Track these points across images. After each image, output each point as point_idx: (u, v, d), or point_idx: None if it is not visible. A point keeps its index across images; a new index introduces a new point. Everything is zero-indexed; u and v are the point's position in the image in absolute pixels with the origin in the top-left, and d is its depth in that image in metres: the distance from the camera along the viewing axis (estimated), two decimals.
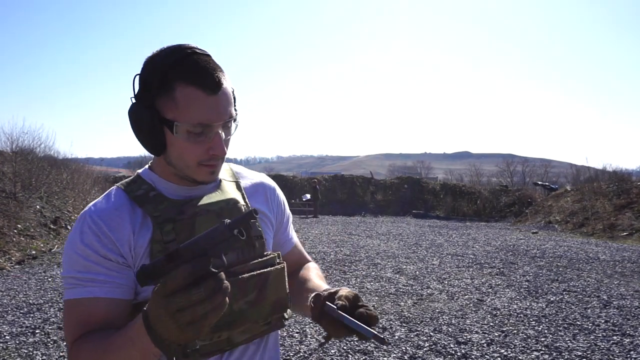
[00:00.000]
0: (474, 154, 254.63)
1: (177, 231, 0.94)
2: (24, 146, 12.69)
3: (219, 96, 0.91)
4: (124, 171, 40.67)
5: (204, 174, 0.96)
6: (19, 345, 3.90)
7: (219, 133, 0.92)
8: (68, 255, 0.93)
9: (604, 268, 7.47)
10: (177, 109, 0.90)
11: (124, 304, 0.92)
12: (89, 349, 0.86)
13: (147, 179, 1.02)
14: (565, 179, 34.13)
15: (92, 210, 0.95)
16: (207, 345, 0.94)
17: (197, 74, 0.90)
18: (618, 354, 3.80)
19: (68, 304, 0.92)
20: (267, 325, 1.02)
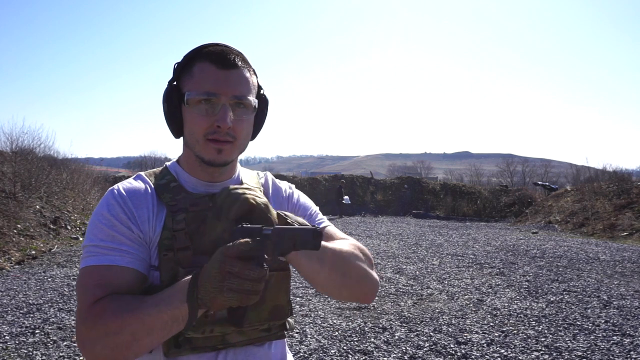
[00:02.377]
0: (474, 154, 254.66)
1: (188, 221, 0.97)
2: (23, 146, 12.70)
3: (231, 72, 0.97)
4: (123, 171, 40.67)
5: (211, 151, 0.98)
6: (18, 345, 3.89)
7: (225, 106, 0.96)
8: (93, 225, 0.96)
9: (604, 268, 7.47)
10: (191, 82, 0.98)
11: (141, 277, 0.95)
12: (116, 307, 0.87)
13: (172, 170, 1.07)
14: (565, 179, 34.15)
15: (119, 187, 1.01)
16: (200, 339, 0.95)
17: (215, 54, 0.98)
18: (618, 354, 3.80)
19: (87, 270, 0.94)
20: (266, 332, 1.02)
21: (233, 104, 0.97)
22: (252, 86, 1.01)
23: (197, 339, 0.95)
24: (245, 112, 0.99)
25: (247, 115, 1.00)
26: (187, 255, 0.95)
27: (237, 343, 0.99)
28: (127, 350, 0.87)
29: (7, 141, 12.46)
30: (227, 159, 1.00)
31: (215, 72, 0.96)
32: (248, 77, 1.00)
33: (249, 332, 0.99)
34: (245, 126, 1.00)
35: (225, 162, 1.01)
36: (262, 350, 1.04)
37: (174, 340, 0.94)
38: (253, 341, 1.01)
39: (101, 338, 0.87)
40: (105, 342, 0.87)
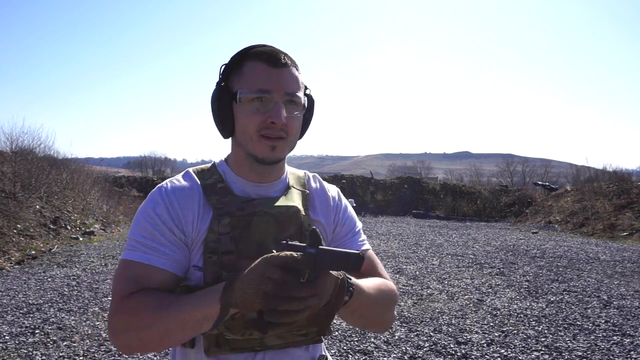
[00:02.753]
0: (474, 154, 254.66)
1: (233, 226, 0.99)
2: (23, 146, 12.70)
3: (282, 70, 0.99)
4: (123, 171, 40.67)
5: (264, 147, 1.00)
6: (18, 345, 3.89)
7: (278, 103, 0.98)
8: (138, 220, 1.00)
9: (604, 268, 7.47)
10: (242, 81, 1.00)
11: (176, 279, 0.98)
12: (151, 303, 0.91)
13: (220, 169, 1.09)
14: (565, 179, 34.14)
15: (168, 185, 1.03)
16: (239, 341, 0.99)
17: (265, 54, 1.00)
18: (618, 354, 3.80)
19: (126, 263, 0.98)
20: (304, 337, 1.04)
21: (285, 102, 0.99)
22: (302, 84, 1.04)
23: (237, 340, 0.98)
24: (296, 109, 1.02)
25: (297, 112, 1.02)
26: (231, 259, 0.97)
27: (274, 346, 1.02)
28: (157, 343, 0.92)
29: (7, 141, 12.47)
30: (279, 155, 1.02)
31: (267, 70, 0.98)
32: (297, 75, 1.03)
33: (286, 336, 1.02)
34: (296, 123, 1.03)
35: (278, 159, 1.03)
36: (299, 352, 1.05)
37: (215, 340, 0.98)
38: (290, 344, 1.03)
39: (133, 331, 0.91)
40: (137, 335, 0.91)
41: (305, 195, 1.11)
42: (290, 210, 1.05)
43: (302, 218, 1.06)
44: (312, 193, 1.14)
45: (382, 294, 1.06)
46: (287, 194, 1.08)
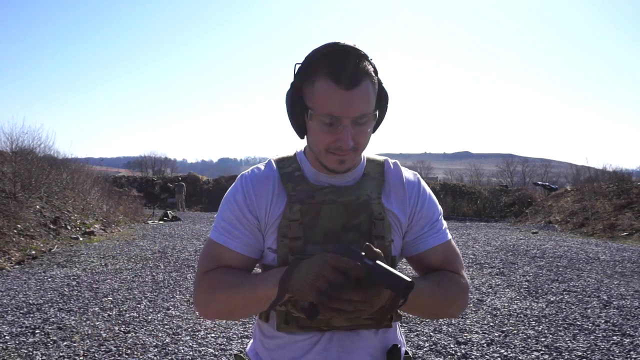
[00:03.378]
0: (474, 154, 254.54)
1: (303, 213, 1.06)
2: (23, 146, 12.70)
3: (353, 93, 0.98)
4: (123, 171, 40.67)
5: (333, 161, 1.04)
6: (18, 345, 3.89)
7: (347, 127, 1.00)
8: (223, 204, 1.13)
9: (604, 268, 7.47)
10: (313, 98, 1.01)
11: (247, 260, 1.10)
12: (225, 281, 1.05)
13: (299, 158, 1.15)
14: (565, 179, 34.13)
15: (249, 174, 1.13)
16: (305, 320, 1.05)
17: (337, 70, 0.98)
18: (618, 354, 3.80)
19: (209, 242, 1.12)
20: (371, 321, 1.07)
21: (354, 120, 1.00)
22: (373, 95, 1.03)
23: (304, 319, 1.05)
24: (366, 126, 1.03)
25: (368, 128, 1.04)
26: (299, 244, 1.05)
27: (342, 327, 1.07)
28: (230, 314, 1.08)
29: (7, 141, 12.47)
30: (349, 166, 1.06)
31: (337, 93, 0.97)
32: (369, 90, 1.01)
33: (353, 319, 1.05)
34: (366, 137, 1.05)
35: (348, 169, 1.07)
36: (368, 333, 1.10)
37: (284, 317, 1.07)
38: (358, 327, 1.08)
39: (211, 303, 1.07)
40: (214, 306, 1.07)
41: (380, 182, 1.13)
42: (360, 198, 1.08)
43: (372, 207, 1.08)
44: (389, 182, 1.15)
45: (447, 292, 1.10)
46: (360, 182, 1.12)
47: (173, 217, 16.29)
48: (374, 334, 1.10)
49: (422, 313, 1.14)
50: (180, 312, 4.85)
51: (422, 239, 1.14)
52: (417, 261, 1.16)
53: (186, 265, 7.46)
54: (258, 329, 1.17)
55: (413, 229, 1.15)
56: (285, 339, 1.09)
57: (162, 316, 4.72)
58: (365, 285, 0.87)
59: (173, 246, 9.53)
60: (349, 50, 1.00)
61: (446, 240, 1.16)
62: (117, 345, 3.89)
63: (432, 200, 1.19)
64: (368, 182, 1.12)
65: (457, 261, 1.17)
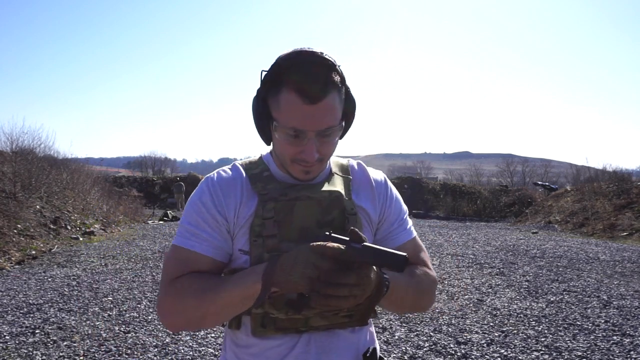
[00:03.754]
0: (474, 154, 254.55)
1: (277, 210, 1.04)
2: (23, 146, 12.71)
3: (317, 107, 0.97)
4: (123, 171, 40.66)
5: (298, 171, 1.04)
6: (18, 345, 3.89)
7: (311, 140, 0.99)
8: (187, 208, 1.09)
9: (604, 268, 7.47)
10: (279, 110, 1.00)
11: (217, 264, 1.06)
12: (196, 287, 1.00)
13: (265, 160, 1.14)
14: (565, 179, 34.12)
15: (215, 176, 1.10)
16: (284, 321, 1.03)
17: (303, 82, 0.96)
18: (618, 354, 3.80)
19: (174, 248, 1.06)
20: (348, 319, 1.07)
21: (320, 133, 1.00)
22: (339, 106, 1.02)
23: (282, 320, 1.03)
24: (332, 137, 1.02)
25: (333, 139, 1.03)
26: (275, 242, 1.02)
27: (320, 327, 1.05)
28: (200, 322, 1.01)
29: (7, 141, 12.48)
30: (314, 176, 1.07)
31: (302, 108, 0.96)
32: (334, 102, 0.99)
33: (331, 317, 1.05)
34: (331, 147, 1.04)
35: (313, 179, 1.08)
36: (345, 333, 1.08)
37: (260, 321, 1.03)
38: (335, 326, 1.06)
39: (180, 312, 1.00)
40: (183, 315, 1.00)
41: (348, 180, 1.14)
42: (333, 194, 1.08)
43: (344, 202, 1.08)
44: (356, 179, 1.16)
45: (420, 284, 1.12)
46: (330, 180, 1.12)
47: (173, 217, 16.29)
48: (351, 333, 1.09)
49: (398, 307, 1.12)
50: None
51: (392, 236, 1.16)
52: None
53: None
54: (229, 339, 1.11)
55: (383, 226, 1.16)
56: (261, 345, 1.05)
57: None
58: (356, 268, 0.87)
59: None
60: (315, 61, 0.97)
61: (413, 236, 1.19)
62: (117, 345, 3.89)
63: (399, 198, 1.21)
64: (337, 179, 1.12)
65: (425, 255, 1.20)
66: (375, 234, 1.16)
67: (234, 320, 1.06)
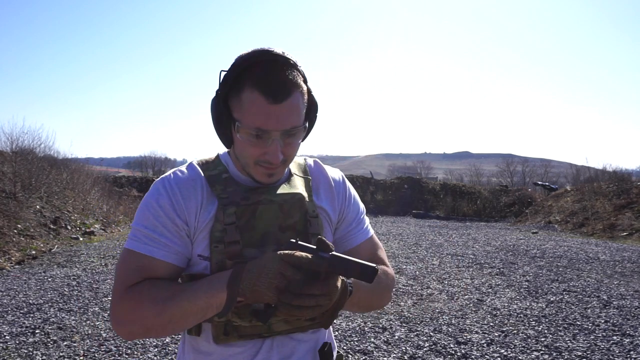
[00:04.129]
0: (474, 154, 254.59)
1: (238, 215, 1.00)
2: (24, 146, 12.70)
3: (282, 106, 0.94)
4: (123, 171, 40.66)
5: (261, 174, 1.01)
6: (18, 345, 3.90)
7: (275, 141, 0.96)
8: (141, 210, 1.02)
9: (603, 268, 7.47)
10: (241, 111, 0.96)
11: (176, 270, 1.00)
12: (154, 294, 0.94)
13: (224, 160, 1.09)
14: (565, 179, 34.12)
15: (171, 177, 1.03)
16: (247, 328, 1.00)
17: (266, 81, 0.93)
18: (618, 354, 3.80)
19: (128, 253, 0.99)
20: (310, 322, 1.05)
21: (284, 133, 0.97)
22: (303, 106, 0.99)
23: (245, 327, 1.00)
24: (296, 138, 1.00)
25: (297, 140, 1.01)
26: (237, 249, 0.98)
27: (282, 331, 1.03)
28: (160, 331, 0.95)
29: (7, 141, 12.47)
30: (278, 179, 1.04)
31: (266, 107, 0.93)
32: (298, 101, 0.97)
33: (294, 322, 1.03)
34: (295, 149, 1.01)
35: (276, 181, 1.04)
36: (306, 336, 1.08)
37: (223, 328, 0.99)
38: (298, 329, 1.05)
39: (138, 320, 0.94)
40: (141, 324, 0.94)
41: (308, 181, 1.11)
42: (294, 197, 1.05)
43: (306, 205, 1.06)
44: (315, 179, 1.13)
45: (379, 284, 1.10)
46: (290, 182, 1.08)
47: None
48: (312, 333, 1.08)
49: (360, 307, 1.10)
50: None
51: (350, 235, 1.14)
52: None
53: None
54: (188, 346, 1.06)
55: (342, 226, 1.14)
56: (222, 352, 1.01)
57: None
58: (323, 278, 0.86)
59: None
60: (277, 59, 0.95)
61: (370, 235, 1.18)
62: (117, 345, 3.90)
63: (356, 197, 1.20)
64: (297, 180, 1.09)
65: (382, 253, 1.19)
66: (334, 233, 1.14)
67: (194, 327, 1.02)
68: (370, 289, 1.05)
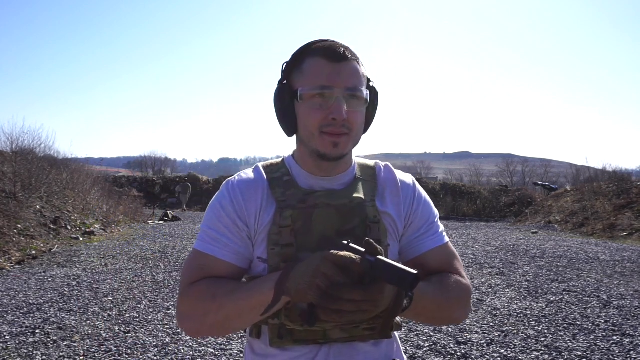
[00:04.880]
0: (474, 154, 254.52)
1: (294, 219, 1.00)
2: (24, 146, 12.69)
3: (342, 65, 0.99)
4: (123, 171, 40.65)
5: (327, 144, 0.99)
6: (18, 345, 3.90)
7: (339, 98, 0.97)
8: (208, 211, 1.06)
9: (603, 268, 7.47)
10: (302, 78, 0.99)
11: (237, 270, 1.04)
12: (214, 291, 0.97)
13: (287, 163, 1.10)
14: (565, 179, 34.11)
15: (236, 179, 1.08)
16: (301, 332, 0.99)
17: (324, 49, 0.99)
18: (618, 354, 3.80)
19: (194, 252, 1.05)
20: (370, 332, 1.01)
21: (347, 97, 0.98)
22: (363, 78, 1.02)
23: (299, 332, 0.99)
24: (358, 104, 1.00)
25: (360, 107, 1.01)
26: (291, 252, 0.99)
27: (339, 339, 1.01)
28: (219, 328, 0.99)
29: (7, 141, 12.46)
30: (343, 151, 1.01)
31: (327, 65, 0.97)
32: (359, 69, 1.01)
33: (351, 330, 1.00)
34: (359, 117, 1.01)
35: (342, 154, 1.02)
36: (367, 347, 1.04)
37: (277, 331, 1.00)
38: (356, 339, 1.02)
39: (199, 317, 0.98)
40: (200, 320, 0.98)
41: (373, 186, 1.09)
42: (353, 201, 1.03)
43: (366, 210, 1.03)
44: (381, 184, 1.10)
45: (450, 294, 1.05)
46: (352, 186, 1.07)
47: (173, 217, 16.29)
48: (374, 346, 1.05)
49: (426, 318, 1.06)
50: None
51: (419, 241, 1.10)
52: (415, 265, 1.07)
53: None
54: (249, 348, 1.08)
55: (409, 232, 1.10)
56: (278, 357, 1.02)
57: (162, 316, 4.72)
58: (367, 282, 0.83)
59: (173, 246, 9.53)
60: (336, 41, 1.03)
61: (444, 242, 1.12)
62: (117, 345, 3.90)
63: (428, 202, 1.15)
64: (360, 185, 1.07)
65: (457, 263, 1.13)
66: (401, 240, 1.10)
67: (254, 329, 1.04)
68: (436, 299, 1.02)
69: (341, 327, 0.99)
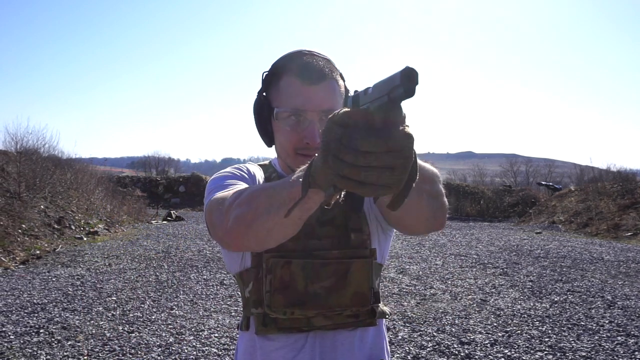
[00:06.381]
0: (478, 154, 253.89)
1: None
2: (28, 146, 12.73)
3: (318, 87, 0.98)
4: (127, 171, 40.73)
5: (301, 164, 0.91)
6: (23, 344, 3.91)
7: (313, 122, 0.97)
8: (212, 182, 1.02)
9: (608, 268, 7.44)
10: (278, 96, 1.01)
11: None
12: (238, 191, 0.89)
13: (274, 165, 1.15)
14: (569, 179, 33.98)
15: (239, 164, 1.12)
16: (284, 320, 1.00)
17: (301, 68, 0.99)
18: (622, 355, 3.79)
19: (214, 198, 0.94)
20: (354, 319, 1.03)
21: (322, 120, 0.98)
22: (340, 95, 1.02)
23: (283, 320, 1.00)
24: None
25: None
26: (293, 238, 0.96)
27: (323, 327, 1.01)
28: (255, 221, 0.83)
29: (11, 141, 12.50)
30: None
31: (302, 88, 0.98)
32: (335, 88, 1.01)
33: (334, 316, 1.01)
34: None
35: None
36: (352, 335, 1.04)
37: (262, 320, 1.01)
38: (341, 326, 1.03)
39: (231, 210, 0.85)
40: (234, 214, 0.84)
41: None
42: None
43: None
44: None
45: (432, 186, 0.97)
46: None
47: (177, 217, 16.33)
48: (360, 340, 1.05)
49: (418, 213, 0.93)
50: (184, 312, 4.86)
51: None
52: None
53: (190, 265, 7.47)
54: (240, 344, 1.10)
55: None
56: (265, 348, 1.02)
57: (165, 316, 4.73)
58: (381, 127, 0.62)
59: (177, 246, 9.55)
60: (312, 53, 1.03)
61: None
62: (121, 345, 3.91)
63: None
64: None
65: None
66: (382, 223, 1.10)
67: (244, 322, 1.07)
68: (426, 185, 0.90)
69: (325, 314, 1.00)
